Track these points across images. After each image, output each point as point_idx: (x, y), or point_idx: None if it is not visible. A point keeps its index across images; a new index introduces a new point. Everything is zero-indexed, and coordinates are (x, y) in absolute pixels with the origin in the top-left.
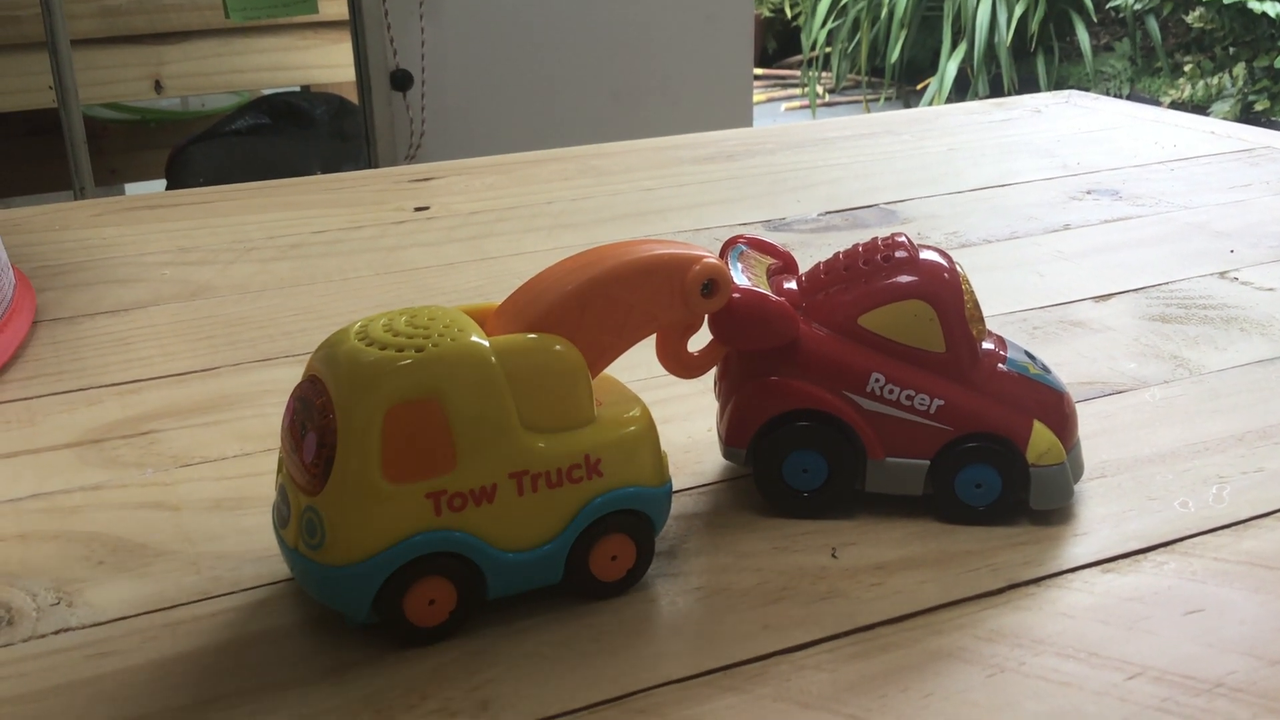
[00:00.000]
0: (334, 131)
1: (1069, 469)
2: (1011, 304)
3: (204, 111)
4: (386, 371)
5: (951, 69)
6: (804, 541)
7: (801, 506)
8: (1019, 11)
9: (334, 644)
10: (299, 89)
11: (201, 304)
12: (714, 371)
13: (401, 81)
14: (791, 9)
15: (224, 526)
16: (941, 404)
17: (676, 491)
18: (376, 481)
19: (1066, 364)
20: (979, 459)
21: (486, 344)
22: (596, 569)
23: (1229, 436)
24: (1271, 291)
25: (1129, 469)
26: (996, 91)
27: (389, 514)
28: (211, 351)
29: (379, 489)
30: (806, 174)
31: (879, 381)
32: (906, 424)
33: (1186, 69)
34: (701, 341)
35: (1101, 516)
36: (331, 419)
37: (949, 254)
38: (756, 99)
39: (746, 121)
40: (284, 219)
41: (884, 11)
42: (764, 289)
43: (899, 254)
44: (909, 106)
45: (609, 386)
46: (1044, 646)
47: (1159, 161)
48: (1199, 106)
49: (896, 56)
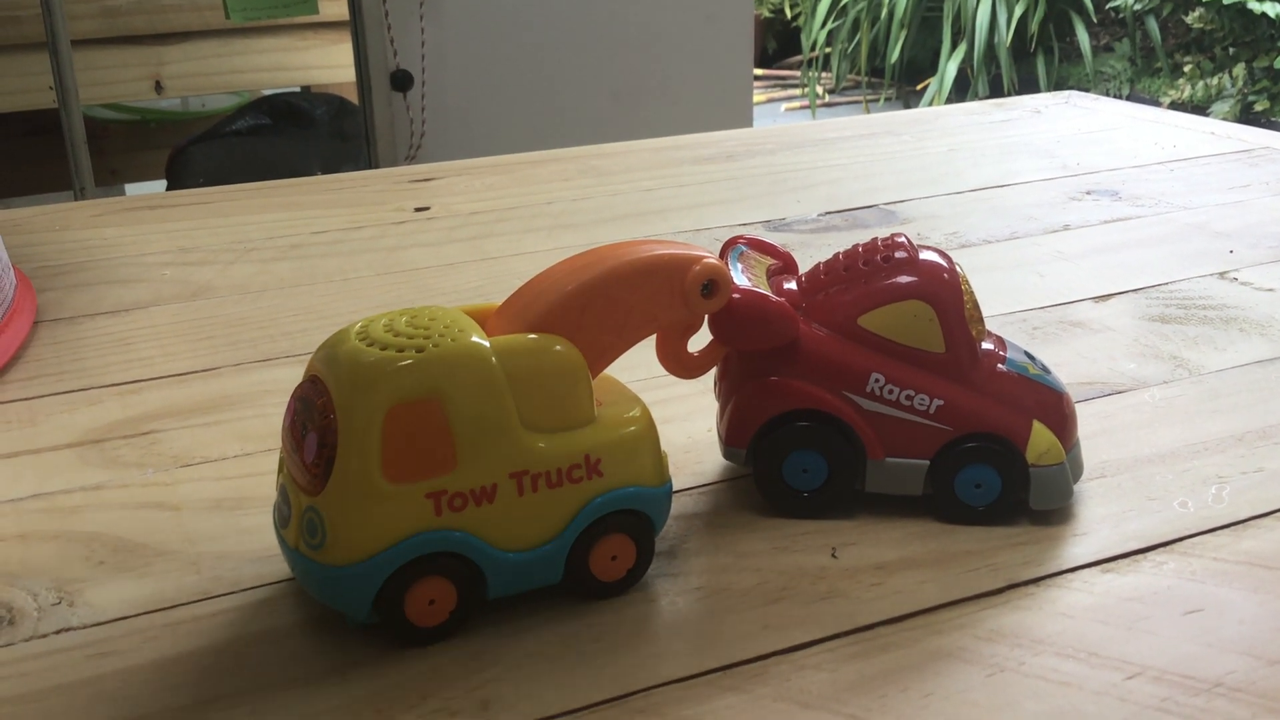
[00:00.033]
0: (334, 132)
1: (1068, 469)
2: (1011, 304)
3: (204, 112)
4: (387, 372)
5: (951, 69)
6: (804, 541)
7: (801, 506)
8: (1019, 12)
9: (334, 644)
10: (299, 89)
11: (202, 304)
12: (714, 372)
13: (401, 82)
14: (791, 9)
15: (224, 526)
16: (941, 404)
17: (676, 491)
18: (377, 481)
19: (1066, 364)
20: (979, 459)
21: (487, 344)
22: (597, 569)
23: (1228, 437)
24: (1271, 292)
25: (1128, 469)
26: (996, 92)
27: (389, 514)
28: (212, 352)
29: (379, 489)
30: (806, 174)
31: (879, 382)
32: (906, 424)
33: (1186, 69)
34: (701, 342)
35: (1101, 516)
36: (332, 419)
37: (949, 254)
38: (756, 99)
39: (746, 122)
40: (284, 219)
41: (884, 12)
42: (764, 289)
43: (899, 254)
44: (909, 107)
45: (609, 386)
46: (1044, 646)
47: (1159, 162)
48: (1199, 107)
49: (896, 57)
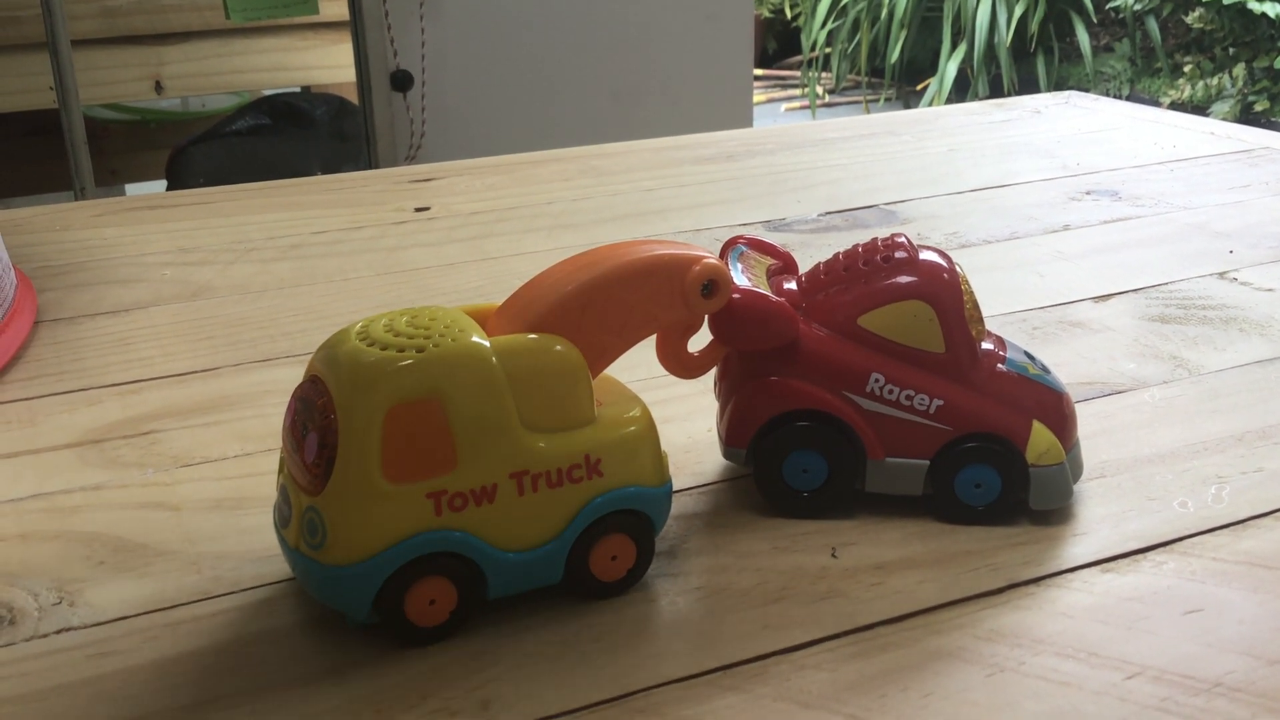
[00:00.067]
0: (334, 132)
1: (1068, 469)
2: (1011, 304)
3: (204, 112)
4: (387, 372)
5: (951, 69)
6: (804, 541)
7: (801, 506)
8: (1019, 12)
9: (334, 644)
10: (299, 89)
11: (202, 304)
12: (714, 372)
13: (402, 82)
14: (791, 9)
15: (224, 526)
16: (941, 404)
17: (676, 491)
18: (377, 481)
19: (1066, 364)
20: (978, 459)
21: (487, 344)
22: (597, 569)
23: (1228, 437)
24: (1271, 292)
25: (1128, 469)
26: (996, 92)
27: (390, 514)
28: (212, 352)
29: (380, 489)
30: (806, 174)
31: (879, 382)
32: (906, 424)
33: (1186, 70)
34: (702, 342)
35: (1101, 516)
36: (333, 419)
37: (948, 254)
38: (756, 99)
39: (746, 122)
40: (284, 219)
41: (884, 12)
42: (764, 289)
43: (899, 254)
44: (909, 107)
45: (609, 386)
46: (1043, 646)
47: (1158, 162)
48: (1199, 107)
49: (896, 57)
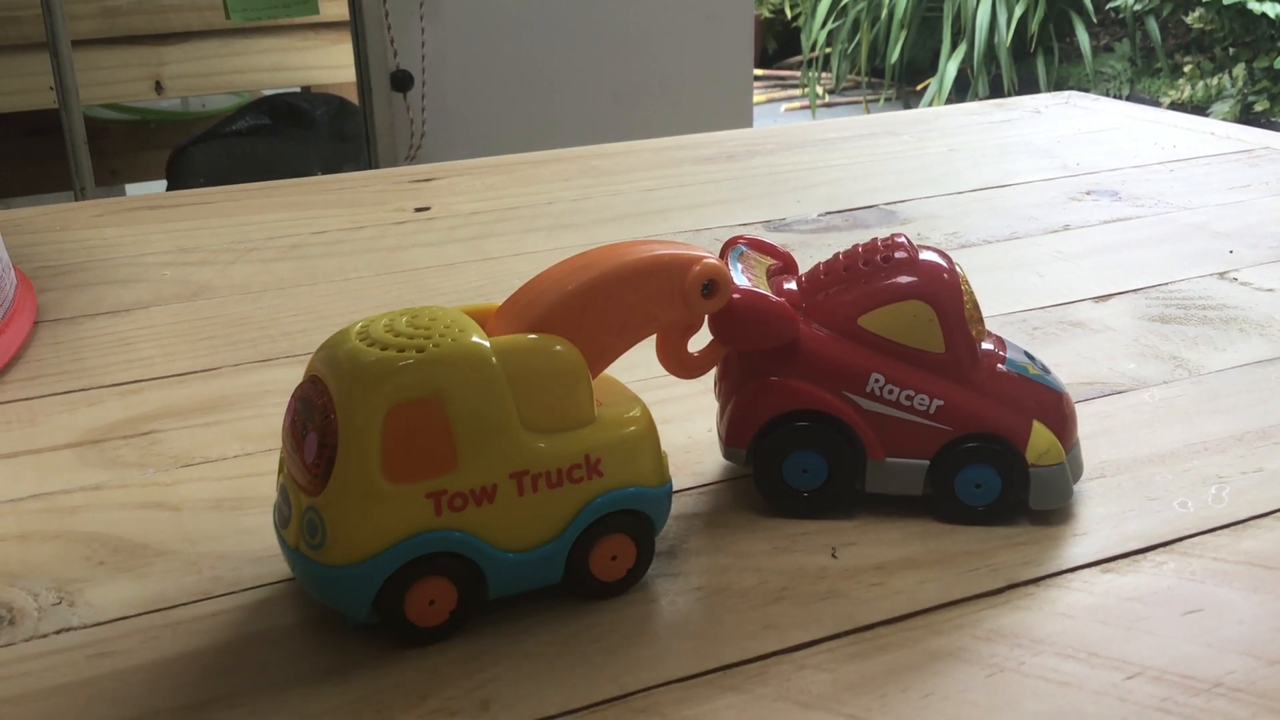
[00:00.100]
0: (334, 132)
1: (1068, 469)
2: (1011, 304)
3: (204, 112)
4: (387, 372)
5: (951, 70)
6: (804, 541)
7: (801, 506)
8: (1019, 12)
9: (334, 644)
10: (299, 90)
11: (202, 304)
12: (714, 372)
13: (402, 82)
14: (791, 9)
15: (224, 526)
16: (941, 404)
17: (676, 492)
18: (377, 481)
19: (1066, 364)
20: (979, 459)
21: (487, 344)
22: (597, 569)
23: (1228, 437)
24: (1271, 292)
25: (1128, 469)
26: (996, 92)
27: (390, 514)
28: (212, 352)
29: (380, 489)
30: (806, 174)
31: (879, 382)
32: (906, 424)
33: (1186, 70)
34: (702, 342)
35: (1101, 517)
36: (333, 419)
37: (948, 254)
38: (756, 100)
39: (746, 122)
40: (284, 219)
41: (884, 12)
42: (764, 289)
43: (898, 254)
44: (909, 107)
45: (609, 386)
46: (1043, 646)
47: (1159, 162)
48: (1199, 107)
49: (896, 57)
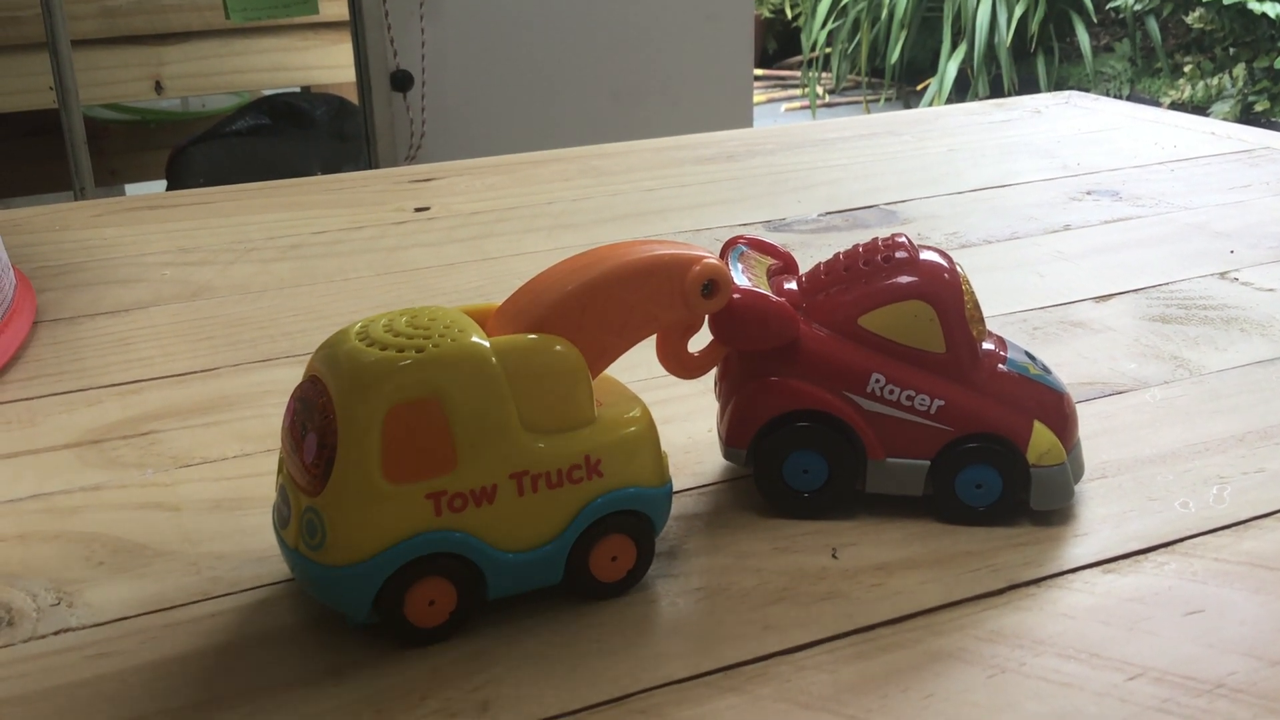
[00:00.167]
0: (334, 132)
1: (1069, 469)
2: (1011, 304)
3: (204, 112)
4: (387, 372)
5: (951, 70)
6: (804, 542)
7: (802, 507)
8: (1019, 12)
9: (334, 644)
10: (299, 90)
11: (202, 304)
12: (714, 372)
13: (402, 82)
14: (791, 10)
15: (224, 527)
16: (942, 404)
17: (677, 492)
18: (377, 482)
19: (1067, 364)
20: (979, 459)
21: (487, 344)
22: (597, 569)
23: (1229, 437)
24: (1271, 292)
25: (1129, 469)
26: (996, 92)
27: (389, 514)
28: (212, 352)
29: (379, 489)
30: (807, 174)
31: (879, 382)
32: (907, 424)
33: (1186, 70)
34: (702, 342)
35: (1102, 517)
36: (332, 419)
37: (949, 254)
38: (757, 100)
39: (747, 122)
40: (284, 219)
41: (884, 12)
42: (764, 289)
43: (899, 254)
44: (909, 107)
45: (609, 387)
46: (1045, 647)
47: (1159, 162)
48: (1199, 107)
49: (896, 57)
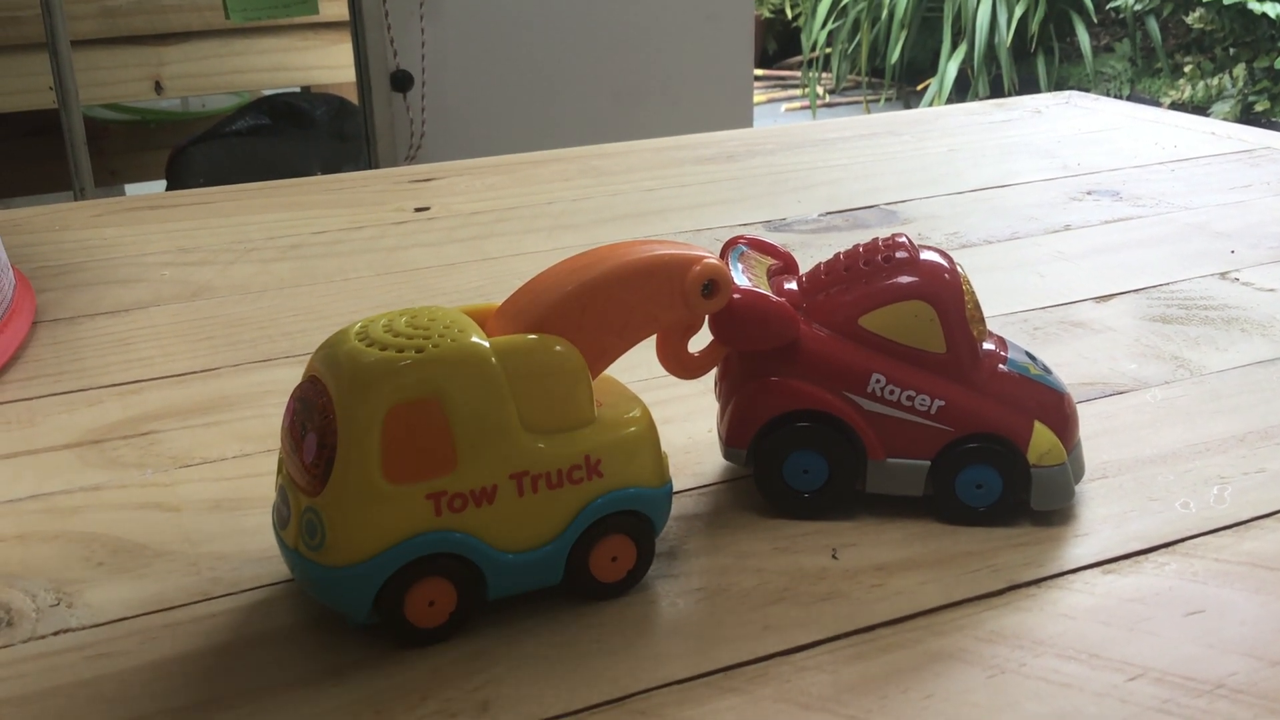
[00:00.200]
0: (334, 132)
1: (1070, 470)
2: (1012, 304)
3: (204, 112)
4: (387, 372)
5: (952, 70)
6: (804, 542)
7: (802, 507)
8: (1019, 12)
9: (334, 645)
10: (299, 90)
11: (202, 304)
12: (715, 372)
13: (402, 82)
14: (792, 10)
15: (224, 527)
16: (942, 404)
17: (677, 492)
18: (377, 482)
19: (1067, 364)
20: (980, 460)
21: (487, 344)
22: (597, 570)
23: (1230, 437)
24: (1272, 292)
25: (1130, 470)
26: (997, 92)
27: (389, 515)
28: (211, 352)
29: (379, 490)
30: (807, 174)
31: (879, 382)
32: (907, 424)
33: (1187, 70)
34: (702, 342)
35: (1102, 517)
36: (332, 420)
37: (949, 254)
38: (757, 100)
39: (747, 122)
40: (284, 219)
41: (884, 12)
42: (764, 289)
43: (899, 254)
44: (909, 107)
45: (609, 387)
46: (1045, 648)
47: (1159, 162)
48: (1199, 107)
49: (897, 57)
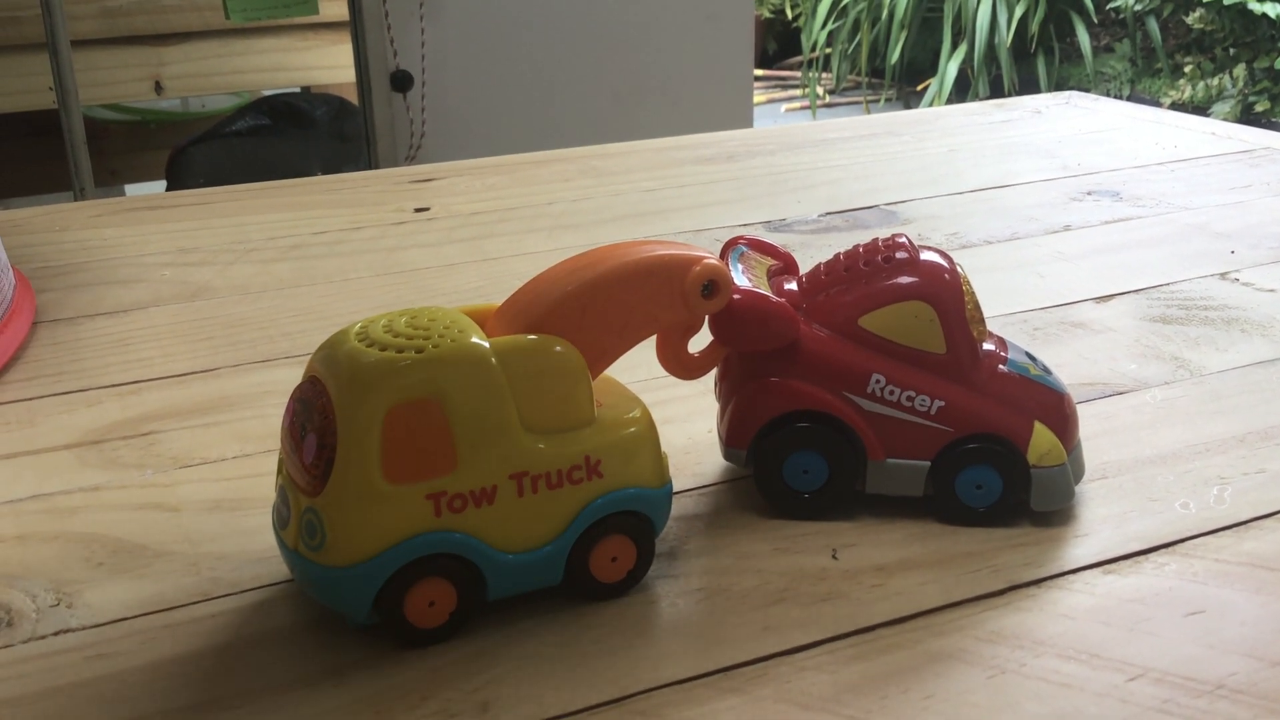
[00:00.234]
0: (334, 132)
1: (1070, 470)
2: (1012, 305)
3: (204, 112)
4: (387, 372)
5: (952, 70)
6: (804, 543)
7: (802, 507)
8: (1019, 12)
9: (334, 645)
10: (299, 90)
11: (201, 305)
12: (715, 372)
13: (402, 82)
14: (792, 10)
15: (224, 527)
16: (942, 405)
17: (677, 493)
18: (377, 482)
19: (1067, 365)
20: (980, 460)
21: (487, 345)
22: (597, 570)
23: (1230, 438)
24: (1272, 292)
25: (1130, 470)
26: (997, 92)
27: (389, 515)
28: (211, 352)
29: (379, 490)
30: (807, 175)
31: (879, 382)
32: (907, 425)
33: (1187, 70)
34: (702, 342)
35: (1102, 517)
36: (332, 420)
37: (949, 255)
38: (757, 100)
39: (747, 122)
40: (284, 220)
41: (884, 13)
42: (764, 290)
43: (899, 255)
44: (909, 107)
45: (609, 387)
46: (1045, 648)
47: (1159, 162)
48: (1199, 107)
49: (897, 57)
